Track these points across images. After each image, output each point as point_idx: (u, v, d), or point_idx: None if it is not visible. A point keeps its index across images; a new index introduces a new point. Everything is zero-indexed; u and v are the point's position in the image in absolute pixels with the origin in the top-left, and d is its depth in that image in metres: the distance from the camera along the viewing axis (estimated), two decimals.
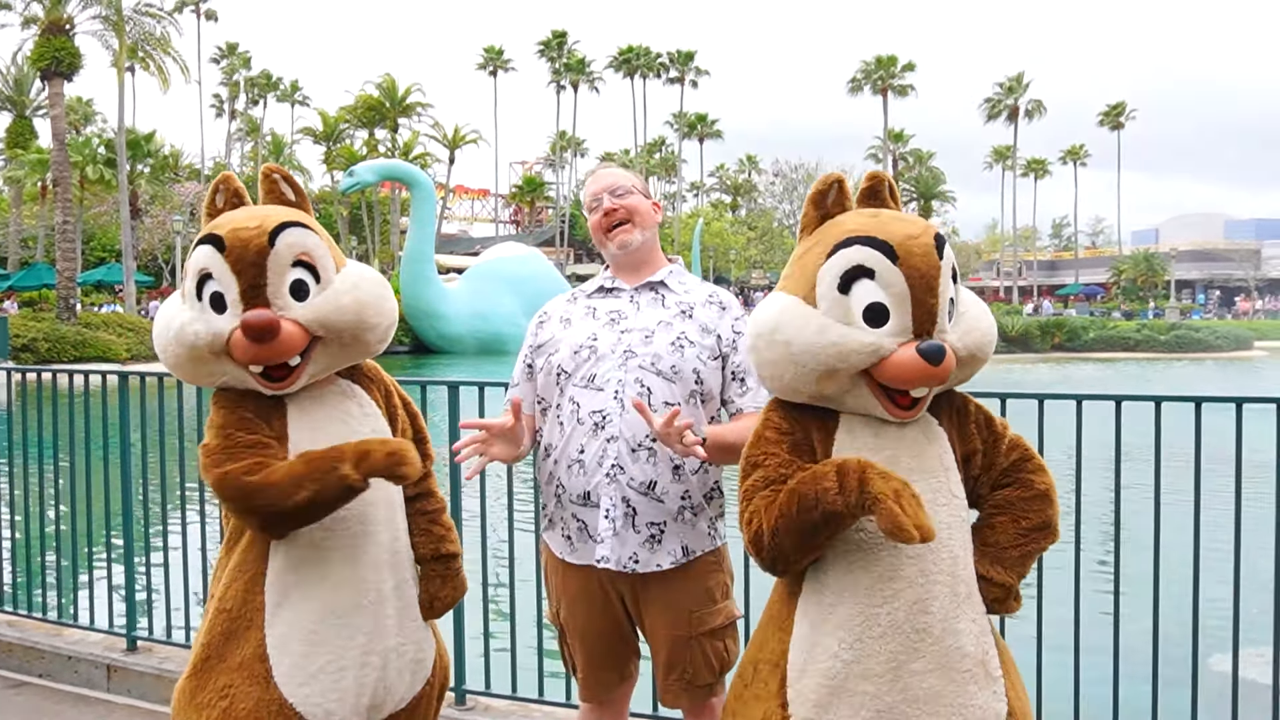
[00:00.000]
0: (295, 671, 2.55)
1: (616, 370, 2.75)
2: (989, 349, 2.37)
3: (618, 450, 2.72)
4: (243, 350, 2.49)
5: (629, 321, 2.84)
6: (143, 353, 31.75)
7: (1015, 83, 76.18)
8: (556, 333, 2.91)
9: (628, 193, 2.91)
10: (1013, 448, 2.43)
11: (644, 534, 2.75)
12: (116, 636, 4.78)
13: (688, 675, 2.83)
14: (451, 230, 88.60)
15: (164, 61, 40.06)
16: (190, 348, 2.55)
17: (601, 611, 2.87)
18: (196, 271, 2.56)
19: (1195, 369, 36.28)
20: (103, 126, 63.59)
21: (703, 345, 2.80)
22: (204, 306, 2.55)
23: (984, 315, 2.39)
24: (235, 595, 2.59)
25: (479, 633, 4.12)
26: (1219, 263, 76.22)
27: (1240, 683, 3.37)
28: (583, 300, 2.97)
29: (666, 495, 2.74)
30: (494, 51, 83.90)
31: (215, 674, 2.56)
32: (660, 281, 2.92)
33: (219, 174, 2.71)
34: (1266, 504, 3.30)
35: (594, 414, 2.75)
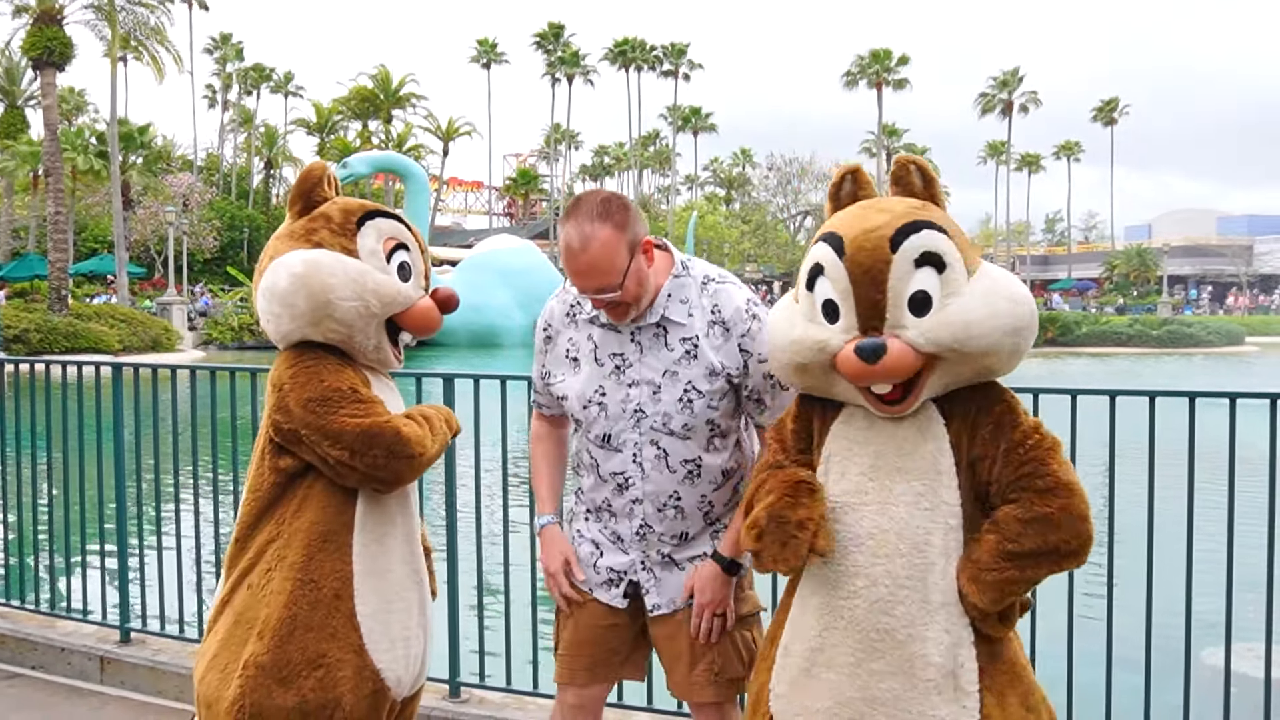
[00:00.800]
0: (381, 639, 2.64)
1: (630, 432, 2.67)
2: (974, 342, 2.18)
3: (644, 511, 2.70)
4: (426, 319, 2.76)
5: (634, 371, 2.66)
6: (135, 344, 31.71)
7: (1010, 77, 76.33)
8: (565, 371, 2.78)
9: (614, 289, 2.53)
10: (1026, 460, 2.22)
11: (688, 570, 2.73)
12: (110, 629, 4.77)
13: (716, 666, 2.73)
14: (445, 222, 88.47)
15: (158, 52, 39.95)
16: (389, 303, 2.68)
17: (603, 626, 2.80)
18: (388, 239, 2.74)
19: (1186, 364, 36.37)
20: (95, 117, 63.36)
21: (711, 392, 2.63)
22: (391, 270, 2.72)
23: (974, 308, 2.19)
24: (320, 564, 2.59)
25: (473, 625, 4.12)
26: (1211, 258, 76.36)
27: (1233, 676, 3.38)
28: (583, 324, 2.76)
29: (699, 538, 2.75)
30: (487, 44, 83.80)
31: (300, 645, 2.55)
32: (660, 318, 2.66)
33: (314, 163, 2.84)
34: (1259, 498, 3.31)
35: (615, 475, 2.71)
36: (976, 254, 2.32)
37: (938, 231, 2.24)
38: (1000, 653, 2.28)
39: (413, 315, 2.73)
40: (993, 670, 2.25)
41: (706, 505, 2.72)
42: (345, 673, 2.56)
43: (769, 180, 60.98)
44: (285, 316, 2.62)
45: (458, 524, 4.06)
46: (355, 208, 2.74)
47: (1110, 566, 3.45)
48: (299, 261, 2.61)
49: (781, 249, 56.91)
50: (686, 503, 2.68)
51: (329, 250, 2.64)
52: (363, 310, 2.62)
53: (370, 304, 2.63)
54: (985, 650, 2.25)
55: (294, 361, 2.64)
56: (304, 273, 2.59)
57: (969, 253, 2.28)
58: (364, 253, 2.67)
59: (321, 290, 2.58)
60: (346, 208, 2.73)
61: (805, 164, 59.01)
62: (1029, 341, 2.27)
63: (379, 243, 2.69)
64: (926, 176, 2.35)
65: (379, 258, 2.68)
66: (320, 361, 2.63)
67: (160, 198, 49.98)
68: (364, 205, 2.76)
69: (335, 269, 2.61)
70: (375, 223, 2.72)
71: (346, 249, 2.66)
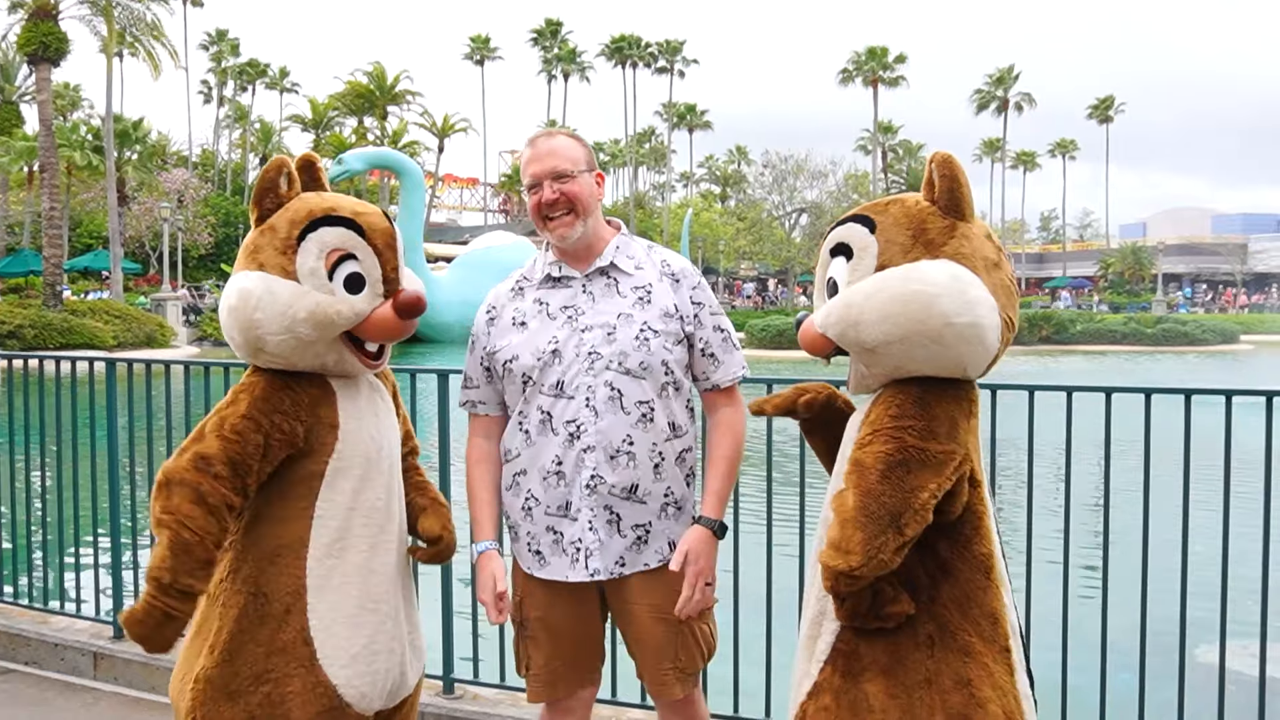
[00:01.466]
0: (338, 654, 2.57)
1: (584, 375, 2.67)
2: (831, 329, 2.34)
3: (595, 460, 2.67)
4: (386, 328, 2.61)
5: (587, 318, 2.72)
6: (129, 340, 31.64)
7: (1005, 75, 76.40)
8: (513, 337, 2.77)
9: (570, 177, 2.72)
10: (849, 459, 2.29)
11: (629, 537, 2.71)
12: (103, 624, 4.77)
13: (680, 663, 2.77)
14: (440, 219, 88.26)
15: (153, 47, 39.85)
16: (327, 326, 2.55)
17: (575, 616, 2.80)
18: (331, 252, 2.57)
19: (1181, 362, 36.41)
20: (90, 112, 63.30)
21: (667, 333, 2.71)
22: (336, 286, 2.57)
23: (842, 297, 2.33)
24: (272, 579, 2.56)
25: (467, 622, 4.11)
26: (1206, 257, 76.47)
27: (1227, 674, 3.38)
28: (531, 293, 2.82)
29: (649, 496, 2.71)
30: (480, 40, 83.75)
31: (248, 660, 2.52)
32: (610, 264, 2.78)
33: (272, 159, 2.69)
34: (1255, 497, 3.32)
35: (568, 424, 2.67)
36: (922, 254, 2.29)
37: (861, 225, 2.39)
38: (873, 648, 2.27)
39: (369, 328, 2.61)
40: (852, 657, 2.29)
41: (657, 456, 2.70)
42: (293, 688, 2.51)
43: (764, 177, 60.76)
44: (231, 345, 2.65)
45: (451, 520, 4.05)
46: (302, 216, 2.59)
47: (1105, 564, 3.45)
48: (234, 293, 2.59)
49: (777, 246, 56.81)
50: (639, 448, 2.68)
51: (267, 274, 2.55)
52: (293, 342, 2.54)
53: (301, 334, 2.53)
54: (853, 636, 2.29)
55: (255, 375, 2.64)
56: (236, 305, 2.57)
57: (897, 250, 2.31)
58: (303, 273, 2.55)
59: (249, 326, 2.55)
60: (294, 217, 2.59)
61: (801, 161, 58.79)
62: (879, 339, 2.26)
63: (320, 258, 2.56)
64: (939, 174, 2.37)
65: (319, 276, 2.55)
66: (261, 376, 2.62)
67: (155, 194, 49.85)
68: (311, 211, 2.60)
69: (264, 301, 2.53)
70: (318, 234, 2.57)
71: (285, 270, 2.55)
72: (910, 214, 2.35)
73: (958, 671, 2.22)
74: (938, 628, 2.26)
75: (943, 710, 2.19)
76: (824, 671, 2.32)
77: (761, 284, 73.56)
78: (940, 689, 2.21)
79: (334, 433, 2.62)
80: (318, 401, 2.61)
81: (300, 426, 2.57)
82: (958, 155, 2.39)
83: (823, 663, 2.33)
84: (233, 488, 2.48)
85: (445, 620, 4.05)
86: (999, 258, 2.36)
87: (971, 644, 2.25)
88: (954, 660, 2.23)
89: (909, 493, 2.16)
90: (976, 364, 2.31)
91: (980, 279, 2.27)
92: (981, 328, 2.25)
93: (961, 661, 2.23)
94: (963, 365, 2.29)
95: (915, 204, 2.37)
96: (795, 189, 59.93)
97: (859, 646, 2.28)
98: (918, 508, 2.16)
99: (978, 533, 2.30)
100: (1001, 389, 3.41)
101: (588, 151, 2.81)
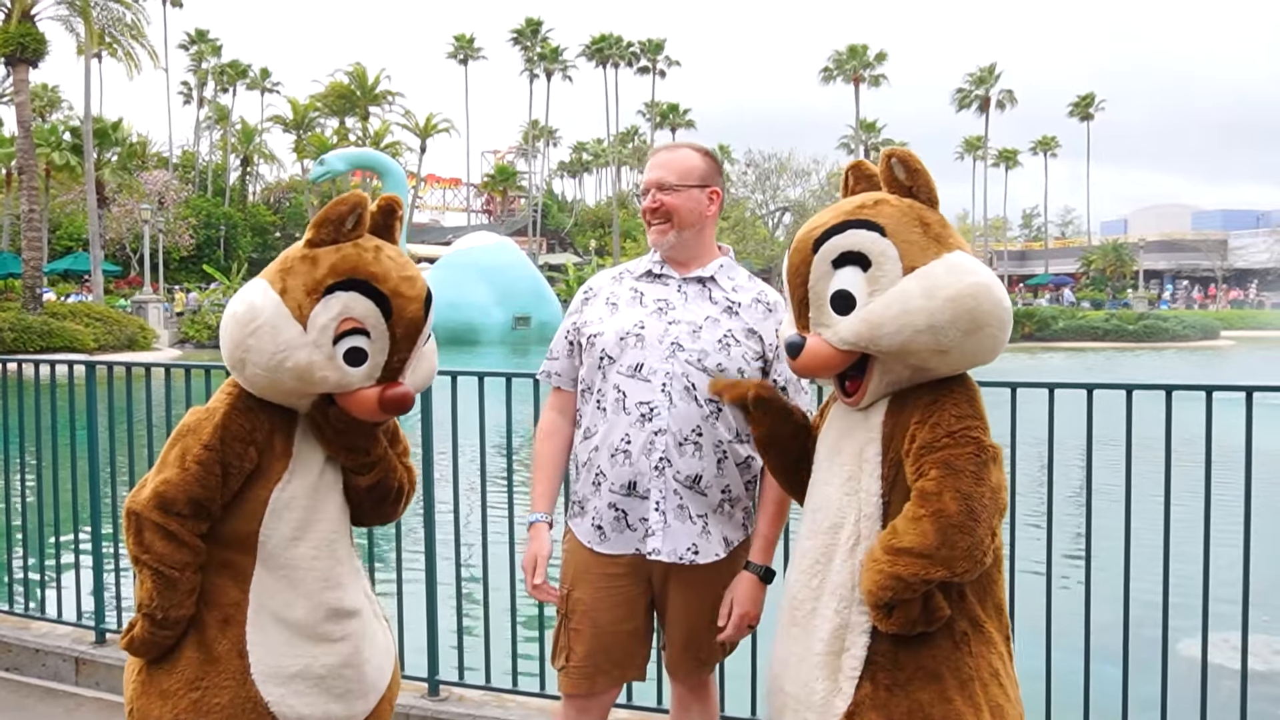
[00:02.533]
0: (274, 672, 2.53)
1: (663, 362, 2.74)
2: (886, 340, 2.24)
3: (665, 443, 2.72)
4: (363, 410, 2.54)
5: (676, 313, 2.80)
6: (110, 343, 31.48)
7: (986, 73, 76.61)
8: (603, 314, 2.87)
9: (673, 189, 2.82)
10: (925, 462, 2.22)
11: (697, 525, 2.76)
12: (85, 629, 4.74)
13: (703, 655, 2.89)
14: (423, 219, 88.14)
15: (133, 48, 39.62)
16: (310, 384, 2.50)
17: (625, 602, 2.82)
18: (346, 320, 2.49)
19: (1158, 357, 36.62)
20: (69, 114, 62.87)
21: (748, 346, 2.79)
22: (337, 353, 2.49)
23: (886, 306, 2.24)
24: (217, 588, 2.55)
25: (453, 623, 4.10)
26: (1187, 253, 76.91)
27: (1209, 667, 3.40)
28: (629, 281, 2.92)
29: (710, 489, 2.76)
30: (464, 40, 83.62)
31: (185, 664, 2.52)
32: (710, 277, 2.87)
33: (352, 194, 2.57)
34: (1235, 491, 3.34)
35: (641, 405, 2.74)
36: (938, 249, 2.28)
37: (867, 230, 2.28)
38: (916, 654, 2.24)
39: (349, 401, 2.54)
40: (893, 666, 2.24)
41: (721, 453, 2.76)
42: (221, 699, 2.49)
43: (747, 176, 60.84)
44: (221, 348, 2.60)
45: (436, 523, 4.05)
46: (344, 269, 2.50)
47: (1088, 558, 3.47)
48: (244, 303, 2.52)
49: (760, 245, 56.87)
50: (705, 440, 2.74)
51: (282, 304, 2.48)
52: (269, 381, 2.50)
53: (282, 381, 2.49)
54: (890, 645, 2.25)
55: (220, 394, 2.62)
56: (240, 317, 2.51)
57: (916, 249, 2.27)
58: (313, 325, 2.47)
59: (239, 345, 2.50)
60: (337, 265, 2.50)
61: (783, 160, 58.92)
62: (956, 339, 2.23)
63: (333, 321, 2.48)
64: (909, 168, 2.35)
65: (326, 335, 2.48)
66: (231, 393, 2.59)
67: (135, 195, 49.58)
68: (355, 269, 2.50)
69: (264, 333, 2.47)
70: (345, 296, 2.48)
71: (300, 310, 2.47)
72: (906, 212, 2.32)
73: (991, 663, 2.27)
74: (969, 623, 2.28)
75: (986, 704, 2.23)
76: (862, 688, 2.25)
77: None
78: (982, 683, 2.24)
79: (284, 461, 2.58)
80: (277, 428, 2.58)
81: (254, 450, 2.55)
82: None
83: (857, 678, 2.26)
84: (196, 519, 2.50)
85: (430, 622, 4.03)
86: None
87: (994, 635, 2.30)
88: (987, 653, 2.27)
89: (997, 490, 2.21)
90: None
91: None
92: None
93: (991, 653, 2.28)
94: (1001, 350, 2.34)
95: (900, 201, 2.34)
96: (778, 188, 60.07)
97: (899, 655, 2.24)
98: (1002, 505, 2.22)
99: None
100: (984, 386, 3.41)
101: (707, 168, 2.87)
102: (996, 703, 2.24)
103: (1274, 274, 68.15)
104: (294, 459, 2.60)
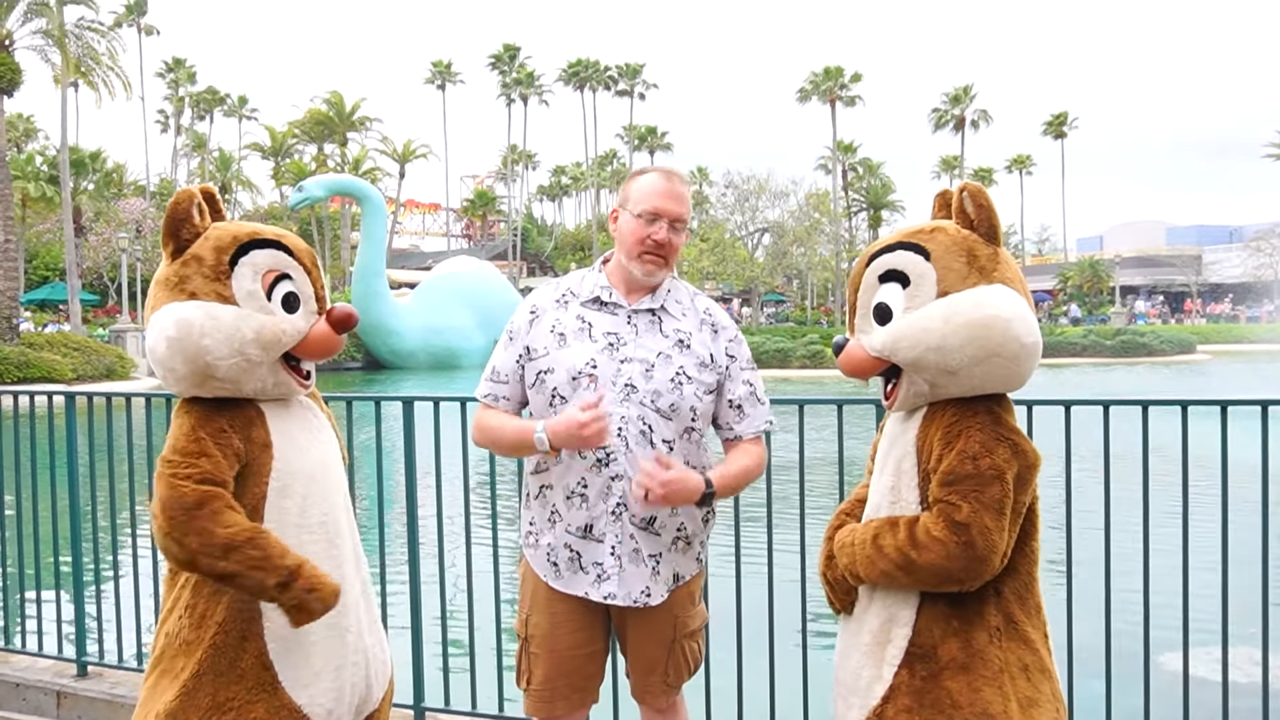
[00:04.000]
0: (300, 673, 2.58)
1: (619, 406, 2.72)
2: (901, 354, 2.40)
3: (623, 488, 2.73)
4: (324, 344, 2.66)
5: (628, 350, 2.77)
6: (88, 373, 31.24)
7: (962, 93, 77.20)
8: (550, 346, 2.80)
9: (683, 229, 2.84)
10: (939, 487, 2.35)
11: (648, 566, 2.77)
12: (66, 662, 4.69)
13: (669, 678, 2.90)
14: (403, 245, 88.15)
15: (107, 76, 39.55)
16: (274, 345, 2.56)
17: (583, 629, 2.85)
18: (267, 273, 2.60)
19: (1128, 373, 36.84)
20: (45, 143, 62.60)
21: (700, 381, 2.79)
22: (275, 306, 2.60)
23: (909, 323, 2.41)
24: (226, 608, 2.54)
25: (438, 648, 4.09)
26: (1162, 268, 77.49)
27: (1190, 680, 3.43)
28: (575, 307, 2.85)
29: (664, 529, 2.79)
30: (442, 65, 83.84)
31: (207, 691, 2.50)
32: (660, 306, 2.85)
33: (180, 191, 2.66)
34: (1213, 504, 3.37)
35: (598, 449, 2.71)
36: (979, 280, 2.41)
37: (913, 252, 2.46)
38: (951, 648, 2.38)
39: (307, 346, 2.64)
40: (929, 659, 2.39)
41: None
42: (257, 714, 2.50)
43: (726, 198, 61.09)
44: (170, 379, 2.58)
45: (419, 546, 4.05)
46: (228, 242, 2.59)
47: (1069, 572, 3.49)
48: (171, 324, 2.53)
49: (740, 266, 57.03)
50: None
51: (203, 301, 2.53)
52: (244, 364, 2.53)
53: (251, 355, 2.53)
54: (927, 639, 2.40)
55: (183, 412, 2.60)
56: (177, 335, 2.51)
57: (955, 276, 2.41)
58: (241, 296, 2.55)
59: (197, 354, 2.51)
60: (219, 244, 2.58)
61: (762, 181, 59.16)
62: (963, 362, 2.36)
63: (256, 280, 2.57)
64: (976, 203, 2.49)
65: (259, 298, 2.57)
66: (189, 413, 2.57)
67: (113, 224, 49.40)
68: (237, 237, 2.60)
69: (208, 328, 2.51)
70: (250, 258, 2.58)
71: (222, 295, 2.54)
72: (958, 242, 2.46)
73: (1021, 658, 2.39)
74: (1004, 619, 2.40)
75: (1015, 696, 2.34)
76: (899, 675, 2.41)
77: (725, 304, 73.83)
78: (1011, 675, 2.37)
79: (268, 451, 2.60)
80: (249, 424, 2.60)
81: (238, 440, 2.56)
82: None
83: (896, 666, 2.42)
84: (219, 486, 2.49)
85: (415, 647, 4.02)
86: (1024, 280, 2.52)
87: (1029, 633, 2.43)
88: (1018, 648, 2.40)
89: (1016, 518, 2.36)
90: (1029, 377, 2.48)
91: (1026, 301, 2.45)
92: (1039, 344, 2.44)
93: (1023, 649, 2.40)
94: (1024, 380, 2.47)
95: (958, 231, 2.48)
96: (757, 209, 60.27)
97: (936, 649, 2.39)
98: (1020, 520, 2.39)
99: (1035, 530, 2.46)
100: None
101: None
102: (1026, 695, 2.36)
103: (1247, 288, 68.77)
104: (275, 446, 2.61)
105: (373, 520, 4.39)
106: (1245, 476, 3.45)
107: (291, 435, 2.67)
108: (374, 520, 4.22)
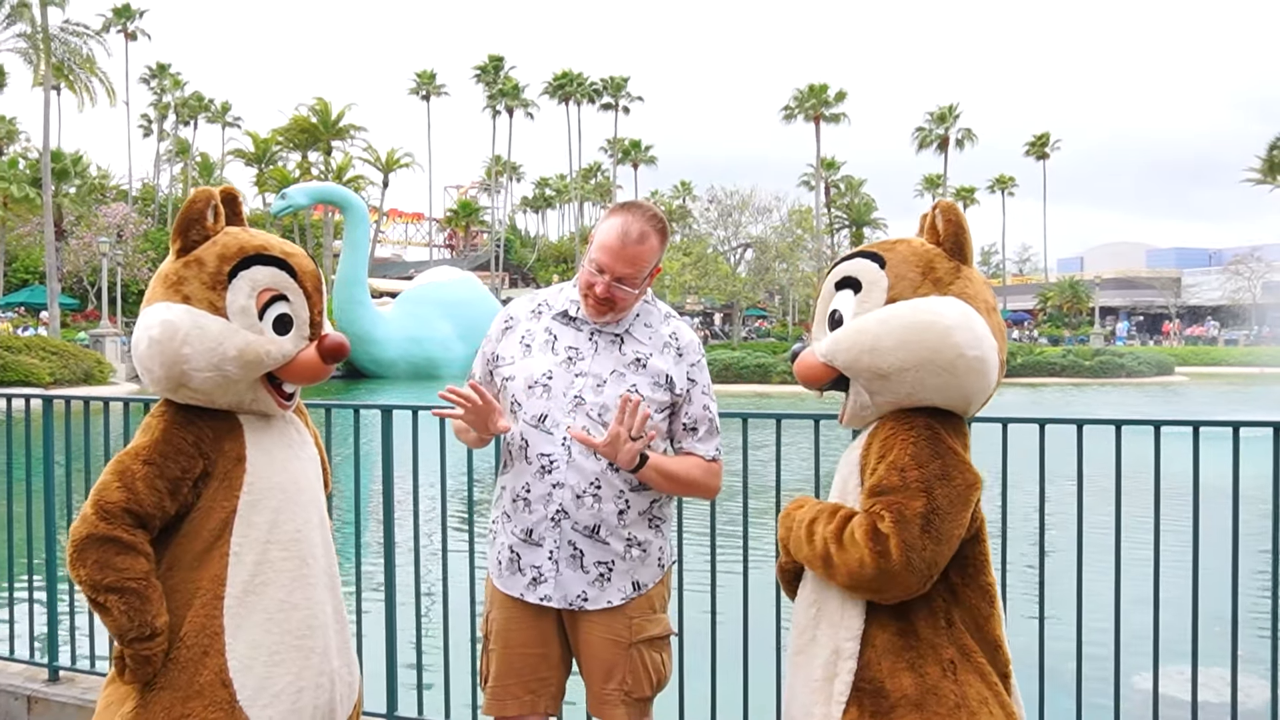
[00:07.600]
0: (259, 693, 2.52)
1: (566, 415, 2.77)
2: (839, 358, 2.42)
3: (562, 497, 2.77)
4: (310, 371, 2.62)
5: (585, 364, 2.83)
6: (66, 377, 31.05)
7: (946, 113, 77.70)
8: (516, 355, 2.90)
9: (628, 289, 2.77)
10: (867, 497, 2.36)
11: (592, 573, 2.80)
12: (38, 667, 4.66)
13: (626, 686, 2.83)
14: (385, 254, 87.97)
15: (90, 81, 39.40)
16: (254, 366, 2.54)
17: (534, 627, 2.87)
18: (263, 291, 2.57)
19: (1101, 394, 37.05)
20: (27, 146, 62.28)
21: (652, 399, 2.80)
22: (265, 326, 2.57)
23: (848, 328, 2.42)
24: (188, 622, 2.51)
25: (411, 656, 4.08)
26: (1141, 290, 78.11)
27: (1160, 699, 3.45)
28: (545, 319, 2.93)
29: (611, 538, 2.80)
30: (426, 76, 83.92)
31: (163, 705, 2.47)
32: (626, 331, 2.87)
33: (198, 190, 2.64)
34: (1186, 524, 3.40)
35: (542, 456, 2.79)
36: (931, 290, 2.39)
37: (870, 260, 2.45)
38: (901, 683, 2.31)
39: (292, 370, 2.61)
40: (878, 694, 2.31)
41: (623, 503, 2.79)
42: None
43: (709, 213, 61.23)
44: (147, 378, 2.59)
45: (394, 556, 4.04)
46: (233, 252, 2.57)
47: (1041, 591, 3.52)
48: (157, 324, 2.52)
49: (722, 281, 57.17)
50: (605, 491, 2.77)
51: (193, 308, 2.52)
52: (219, 379, 2.52)
53: (228, 372, 2.51)
54: (875, 672, 2.33)
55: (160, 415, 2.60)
56: (159, 337, 2.51)
57: (908, 285, 2.39)
58: (233, 310, 2.53)
59: (175, 360, 2.50)
60: (224, 252, 2.56)
61: (745, 196, 59.35)
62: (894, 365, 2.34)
63: (251, 297, 2.55)
64: (945, 219, 2.48)
65: (250, 315, 2.55)
66: (164, 416, 2.58)
67: (94, 228, 49.15)
68: (244, 248, 2.58)
69: (191, 336, 2.50)
70: (251, 273, 2.56)
71: (214, 306, 2.53)
72: (918, 253, 2.45)
73: (979, 691, 2.33)
74: (958, 651, 2.35)
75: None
76: (849, 713, 2.34)
77: (707, 318, 73.92)
78: (969, 710, 2.29)
79: (241, 465, 2.59)
80: (223, 435, 2.59)
81: (203, 461, 2.55)
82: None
83: (844, 704, 2.35)
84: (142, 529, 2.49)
85: (389, 656, 4.02)
86: (994, 303, 2.48)
87: (983, 666, 2.36)
88: (974, 681, 2.33)
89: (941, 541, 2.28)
90: (978, 400, 2.43)
91: (983, 319, 2.39)
92: (988, 363, 2.37)
93: (981, 682, 2.34)
94: (968, 399, 2.40)
95: (922, 245, 2.48)
96: (740, 224, 60.45)
97: (884, 684, 2.32)
98: (955, 543, 2.33)
99: (984, 563, 2.42)
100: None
101: (660, 249, 2.82)
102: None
103: (1226, 311, 69.33)
104: (249, 460, 2.60)
105: (350, 527, 4.38)
106: (1218, 496, 3.48)
107: (268, 450, 2.65)
108: (351, 527, 4.21)
